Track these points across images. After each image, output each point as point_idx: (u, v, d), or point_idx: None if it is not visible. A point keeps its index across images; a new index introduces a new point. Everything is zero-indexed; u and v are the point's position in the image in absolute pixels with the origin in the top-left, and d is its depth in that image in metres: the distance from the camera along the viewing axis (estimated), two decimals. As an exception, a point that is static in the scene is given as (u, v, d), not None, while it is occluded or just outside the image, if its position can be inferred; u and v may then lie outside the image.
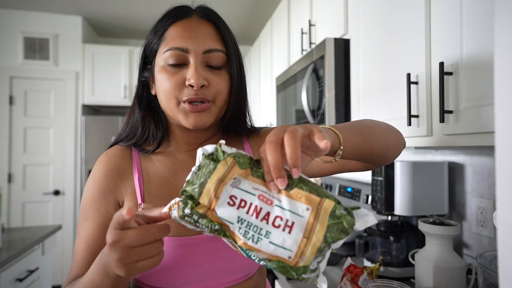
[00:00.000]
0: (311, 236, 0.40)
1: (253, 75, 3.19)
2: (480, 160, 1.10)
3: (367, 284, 0.85)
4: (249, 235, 0.41)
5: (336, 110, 1.30)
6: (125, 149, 0.68)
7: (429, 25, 0.87)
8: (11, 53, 2.97)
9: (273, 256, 0.41)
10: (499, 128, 0.28)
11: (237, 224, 0.42)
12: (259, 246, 0.41)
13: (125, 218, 0.42)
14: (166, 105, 0.62)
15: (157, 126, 0.67)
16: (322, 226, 0.41)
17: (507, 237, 0.27)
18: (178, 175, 0.66)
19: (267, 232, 0.41)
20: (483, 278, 0.78)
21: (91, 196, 0.64)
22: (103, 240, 0.62)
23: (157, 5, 2.86)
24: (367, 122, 0.64)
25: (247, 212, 0.42)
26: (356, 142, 0.55)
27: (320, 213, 0.41)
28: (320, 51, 1.35)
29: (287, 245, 0.40)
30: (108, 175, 0.64)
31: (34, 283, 1.73)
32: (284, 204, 0.42)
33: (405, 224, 1.22)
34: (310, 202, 0.42)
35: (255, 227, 0.41)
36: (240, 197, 0.42)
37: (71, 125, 3.08)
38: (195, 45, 0.59)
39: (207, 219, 0.42)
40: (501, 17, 0.28)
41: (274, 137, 0.42)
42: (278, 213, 0.41)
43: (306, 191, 0.42)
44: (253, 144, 0.74)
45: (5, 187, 2.92)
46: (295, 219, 0.41)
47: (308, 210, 0.41)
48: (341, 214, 0.41)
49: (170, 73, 0.60)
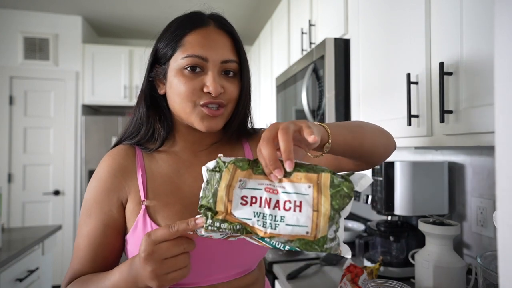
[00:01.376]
0: (319, 208, 0.45)
1: (253, 75, 3.18)
2: (480, 160, 1.10)
3: (367, 284, 0.85)
4: (267, 225, 0.46)
5: (336, 110, 1.30)
6: (128, 148, 0.69)
7: (429, 25, 0.87)
8: (11, 53, 2.97)
9: (293, 236, 0.45)
10: (499, 128, 0.28)
11: (255, 218, 0.47)
12: (278, 231, 0.45)
13: (171, 232, 0.48)
14: (181, 108, 0.64)
15: (162, 125, 0.69)
16: (326, 197, 0.46)
17: (507, 237, 0.27)
18: (181, 173, 0.68)
19: (281, 217, 0.46)
20: (483, 278, 0.78)
21: (94, 194, 0.65)
22: (105, 238, 0.64)
23: (157, 5, 2.86)
24: (358, 122, 0.67)
25: (260, 205, 0.47)
26: (345, 138, 0.59)
27: (321, 186, 0.46)
28: (320, 51, 1.35)
29: (301, 222, 0.45)
30: (112, 174, 0.65)
31: (34, 283, 1.73)
32: (288, 189, 0.46)
33: (405, 224, 1.22)
34: (310, 180, 0.47)
35: (270, 215, 0.46)
36: (250, 195, 0.48)
37: (71, 125, 3.08)
38: (214, 55, 0.63)
39: (228, 222, 0.47)
40: (501, 16, 0.28)
41: (267, 135, 0.47)
42: (286, 198, 0.46)
43: (303, 172, 0.47)
44: (252, 145, 0.77)
45: (5, 187, 2.92)
46: (302, 198, 0.46)
47: (310, 188, 0.46)
48: (339, 182, 0.46)
49: (187, 78, 0.62)
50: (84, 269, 0.63)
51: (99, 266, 0.64)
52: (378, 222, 1.25)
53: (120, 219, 0.65)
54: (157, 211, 0.63)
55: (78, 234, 0.65)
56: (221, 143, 0.74)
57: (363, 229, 1.62)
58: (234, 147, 0.76)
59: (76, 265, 0.64)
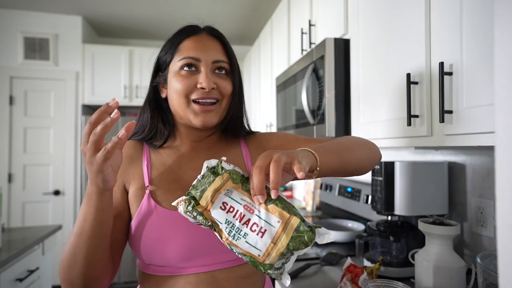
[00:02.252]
0: (277, 243, 0.52)
1: (253, 75, 3.19)
2: (480, 160, 1.10)
3: (367, 284, 0.85)
4: (232, 234, 0.54)
5: (336, 110, 1.30)
6: (137, 143, 0.78)
7: (429, 25, 0.87)
8: (11, 53, 2.97)
9: (247, 252, 0.53)
10: (499, 128, 0.28)
11: (224, 224, 0.54)
12: (237, 243, 0.54)
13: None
14: (178, 105, 0.72)
15: (165, 125, 0.77)
16: (287, 237, 0.52)
17: (507, 237, 0.27)
18: (182, 165, 0.75)
19: (245, 233, 0.53)
20: (483, 278, 0.78)
21: None
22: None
23: (157, 5, 2.86)
24: (346, 142, 0.73)
25: (234, 216, 0.54)
26: (332, 164, 0.64)
27: (288, 226, 0.53)
28: (320, 51, 1.35)
29: (258, 246, 0.53)
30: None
31: (34, 283, 1.73)
32: (262, 215, 0.54)
33: (405, 224, 1.22)
34: (282, 217, 0.53)
35: (237, 228, 0.54)
36: (230, 204, 0.55)
37: (71, 125, 3.08)
38: (206, 55, 0.71)
39: (203, 216, 0.56)
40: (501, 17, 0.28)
41: (261, 163, 0.53)
42: (256, 221, 0.54)
43: (280, 208, 0.54)
44: (249, 144, 0.83)
45: (5, 187, 2.92)
46: (268, 228, 0.53)
47: (279, 223, 0.53)
48: (304, 230, 0.53)
49: (183, 77, 0.71)
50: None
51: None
52: (378, 222, 1.25)
53: (123, 202, 0.71)
54: (160, 195, 0.70)
55: (80, 213, 0.69)
56: (219, 141, 0.81)
57: (363, 229, 1.62)
58: (232, 145, 0.82)
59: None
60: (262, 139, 0.84)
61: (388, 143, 1.06)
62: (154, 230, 0.66)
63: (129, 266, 2.94)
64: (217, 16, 3.04)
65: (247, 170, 0.78)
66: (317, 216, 2.16)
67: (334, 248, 1.49)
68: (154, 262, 0.67)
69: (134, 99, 3.23)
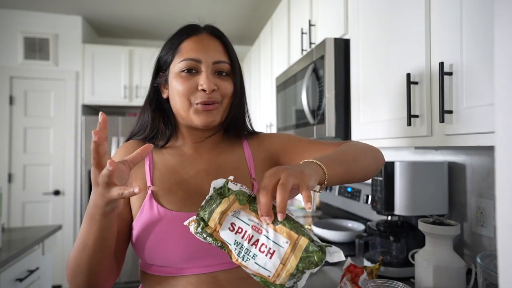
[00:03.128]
0: (286, 264, 0.52)
1: (253, 75, 3.19)
2: (480, 160, 1.10)
3: (367, 284, 0.85)
4: (241, 255, 0.54)
5: (336, 110, 1.30)
6: (139, 142, 0.78)
7: (429, 25, 0.87)
8: (11, 53, 2.97)
9: (257, 273, 0.53)
10: (499, 128, 0.28)
11: (234, 245, 0.55)
12: (247, 264, 0.53)
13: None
14: (180, 106, 0.71)
15: (166, 125, 0.77)
16: (296, 257, 0.52)
17: (507, 237, 0.27)
18: (184, 166, 0.75)
19: (254, 254, 0.53)
20: (483, 278, 0.78)
21: None
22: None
23: (157, 5, 2.86)
24: (352, 151, 0.71)
25: (242, 237, 0.54)
26: (340, 176, 0.64)
27: (297, 247, 0.52)
28: (320, 51, 1.35)
29: (268, 267, 0.52)
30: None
31: (34, 283, 1.73)
32: (270, 235, 0.54)
33: (405, 224, 1.22)
34: (290, 237, 0.53)
35: (246, 249, 0.54)
36: (238, 225, 0.55)
37: (71, 125, 3.08)
38: (206, 56, 0.71)
39: (213, 237, 0.56)
40: (501, 17, 0.28)
41: (267, 183, 0.52)
42: (264, 242, 0.53)
43: (288, 228, 0.53)
44: (251, 144, 0.83)
45: (5, 187, 2.92)
46: (276, 249, 0.53)
47: (287, 243, 0.53)
48: (313, 250, 0.52)
49: (184, 78, 0.70)
50: None
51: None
52: (378, 222, 1.25)
53: (124, 204, 0.71)
54: (162, 196, 0.70)
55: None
56: (221, 142, 0.81)
57: (363, 229, 1.62)
58: (234, 145, 0.81)
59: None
60: (264, 140, 0.83)
61: (388, 143, 1.06)
62: (156, 230, 0.66)
63: (129, 266, 2.94)
64: (217, 16, 3.04)
65: (250, 171, 0.77)
66: (317, 216, 2.16)
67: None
68: (156, 262, 0.68)
69: (134, 99, 3.23)
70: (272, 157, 0.81)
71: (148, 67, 3.15)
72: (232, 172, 0.76)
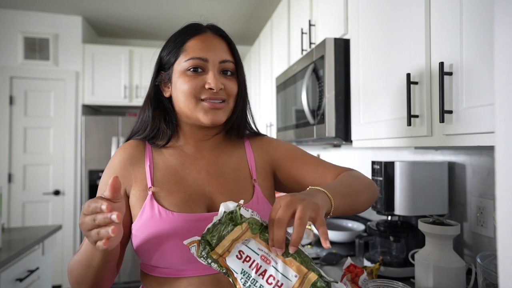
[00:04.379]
0: None
1: (253, 75, 3.19)
2: (480, 160, 1.10)
3: (367, 284, 0.85)
4: (247, 284, 0.52)
5: (336, 110, 1.30)
6: (139, 142, 0.77)
7: (429, 25, 0.87)
8: (11, 53, 2.97)
9: None
10: (499, 128, 0.28)
11: (240, 274, 0.53)
12: None
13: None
14: (185, 105, 0.71)
15: (167, 125, 0.76)
16: None
17: (507, 237, 0.27)
18: (185, 166, 0.75)
19: (260, 285, 0.52)
20: (483, 278, 0.78)
21: (106, 179, 0.73)
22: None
23: (157, 5, 2.86)
24: (357, 185, 0.72)
25: (250, 266, 0.53)
26: (343, 209, 0.65)
27: (305, 281, 0.52)
28: (320, 51, 1.35)
29: None
30: (122, 163, 0.73)
31: (34, 283, 1.73)
32: (279, 267, 0.53)
33: (405, 224, 1.21)
34: (299, 271, 0.52)
35: (253, 279, 0.52)
36: (246, 253, 0.54)
37: (71, 125, 3.08)
38: (213, 56, 0.71)
39: (218, 264, 0.54)
40: (501, 17, 0.28)
41: (283, 215, 0.51)
42: (273, 273, 0.52)
43: (298, 262, 0.53)
44: (254, 145, 0.83)
45: (5, 187, 2.92)
46: (284, 282, 0.52)
47: (296, 277, 0.52)
48: (321, 286, 0.52)
49: (190, 77, 0.70)
50: None
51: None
52: (378, 222, 1.25)
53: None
54: (163, 197, 0.69)
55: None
56: (223, 141, 0.81)
57: (363, 229, 1.62)
58: (236, 146, 0.81)
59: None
60: (268, 145, 0.84)
61: (388, 143, 1.06)
62: (156, 232, 0.66)
63: (129, 266, 2.94)
64: (217, 16, 3.02)
65: (251, 173, 0.77)
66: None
67: (334, 248, 1.49)
68: (156, 264, 0.67)
69: (134, 99, 3.23)
70: (273, 162, 0.82)
71: (148, 67, 3.16)
72: (232, 172, 0.75)
